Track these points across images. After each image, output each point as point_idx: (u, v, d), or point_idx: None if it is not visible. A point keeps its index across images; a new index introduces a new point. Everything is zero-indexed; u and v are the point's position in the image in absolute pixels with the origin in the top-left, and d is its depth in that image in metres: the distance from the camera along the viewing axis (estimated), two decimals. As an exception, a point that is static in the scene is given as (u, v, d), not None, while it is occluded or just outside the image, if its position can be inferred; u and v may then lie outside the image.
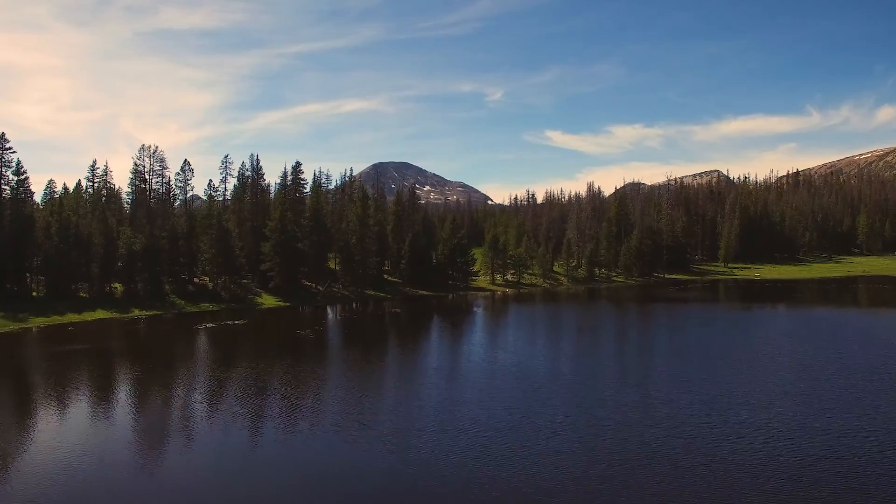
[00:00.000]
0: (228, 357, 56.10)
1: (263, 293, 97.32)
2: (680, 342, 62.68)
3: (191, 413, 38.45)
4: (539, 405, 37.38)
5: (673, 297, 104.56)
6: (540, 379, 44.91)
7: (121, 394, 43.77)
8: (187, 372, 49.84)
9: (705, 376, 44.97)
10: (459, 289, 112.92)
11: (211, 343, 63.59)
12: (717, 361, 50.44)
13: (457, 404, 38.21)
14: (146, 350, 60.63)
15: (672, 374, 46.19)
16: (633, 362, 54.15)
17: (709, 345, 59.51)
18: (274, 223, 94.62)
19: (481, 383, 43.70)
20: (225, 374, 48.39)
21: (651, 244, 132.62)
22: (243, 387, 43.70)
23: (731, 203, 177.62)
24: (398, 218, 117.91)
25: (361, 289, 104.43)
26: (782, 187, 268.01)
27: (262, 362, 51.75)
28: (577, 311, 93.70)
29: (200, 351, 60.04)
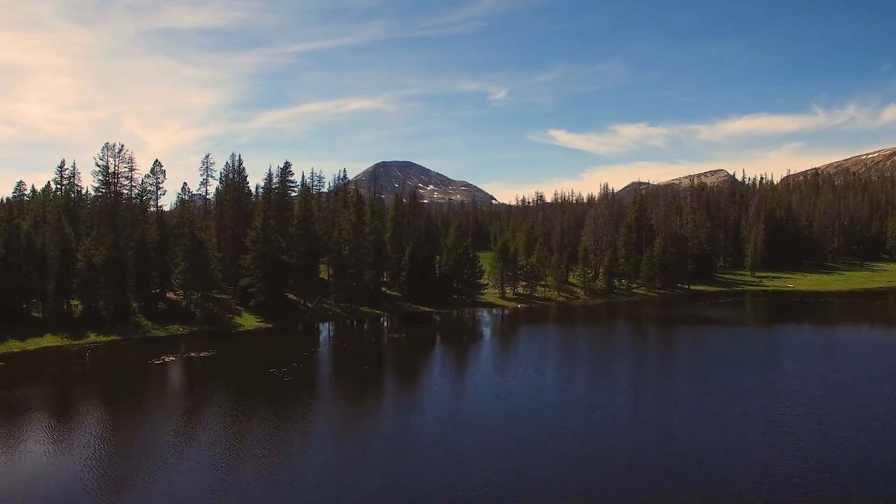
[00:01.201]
0: (169, 414, 44.38)
1: (244, 311, 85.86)
2: (743, 402, 50.19)
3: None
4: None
5: (707, 318, 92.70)
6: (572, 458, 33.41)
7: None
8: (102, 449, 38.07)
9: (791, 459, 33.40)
10: (465, 304, 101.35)
11: (157, 391, 50.58)
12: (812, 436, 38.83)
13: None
14: (62, 403, 46.22)
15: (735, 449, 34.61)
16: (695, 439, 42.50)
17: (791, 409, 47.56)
18: (255, 232, 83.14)
19: (511, 463, 32.25)
20: (145, 453, 36.83)
21: (675, 253, 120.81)
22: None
23: (756, 206, 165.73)
24: (397, 224, 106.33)
25: (356, 304, 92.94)
26: (801, 188, 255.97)
27: (209, 429, 40.35)
28: (598, 339, 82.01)
29: (137, 405, 44.99)
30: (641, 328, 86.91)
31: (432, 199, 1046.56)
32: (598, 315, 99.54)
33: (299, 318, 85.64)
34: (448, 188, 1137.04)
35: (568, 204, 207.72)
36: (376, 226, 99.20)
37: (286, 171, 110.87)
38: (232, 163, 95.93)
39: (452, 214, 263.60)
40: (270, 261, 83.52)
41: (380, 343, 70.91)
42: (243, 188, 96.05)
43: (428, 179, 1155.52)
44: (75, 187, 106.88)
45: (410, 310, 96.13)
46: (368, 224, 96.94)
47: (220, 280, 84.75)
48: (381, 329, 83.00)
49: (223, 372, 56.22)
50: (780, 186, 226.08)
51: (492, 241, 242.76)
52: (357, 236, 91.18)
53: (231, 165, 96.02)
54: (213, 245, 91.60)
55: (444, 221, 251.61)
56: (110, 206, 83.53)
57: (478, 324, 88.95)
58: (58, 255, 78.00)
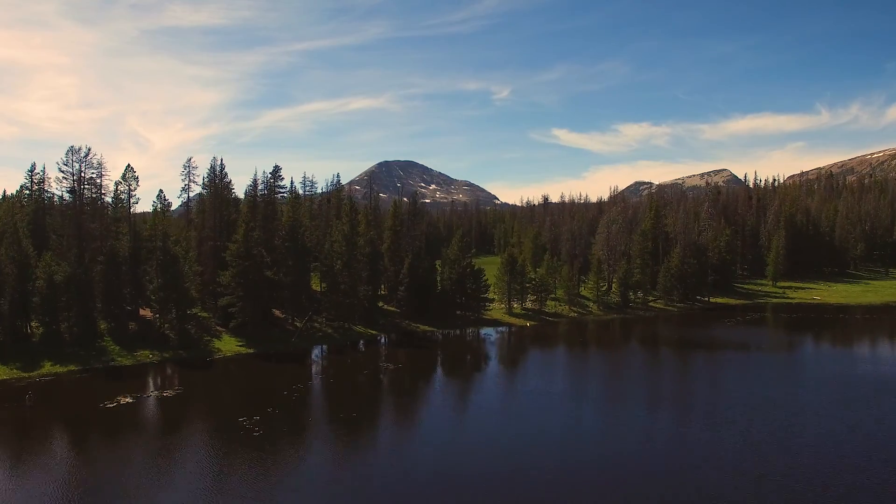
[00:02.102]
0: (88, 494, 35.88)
1: (224, 333, 77.59)
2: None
3: None
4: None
5: (734, 343, 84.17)
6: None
7: None
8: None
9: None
10: (469, 321, 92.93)
11: (90, 453, 41.31)
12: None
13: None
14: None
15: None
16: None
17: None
18: (235, 246, 74.76)
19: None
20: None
21: (695, 264, 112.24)
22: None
23: (776, 212, 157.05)
24: (395, 234, 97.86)
25: (349, 323, 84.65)
26: (813, 189, 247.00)
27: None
28: (613, 373, 73.56)
29: (56, 479, 35.02)
30: (659, 358, 78.40)
31: (434, 198, 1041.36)
32: (612, 336, 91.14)
33: (286, 340, 77.32)
34: (450, 188, 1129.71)
35: (576, 207, 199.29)
36: (372, 237, 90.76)
37: (276, 175, 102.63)
38: (213, 168, 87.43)
39: (455, 217, 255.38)
40: (253, 277, 75.21)
41: (373, 376, 62.42)
42: (225, 195, 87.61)
43: (430, 179, 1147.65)
44: (46, 193, 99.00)
45: (409, 329, 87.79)
46: (363, 235, 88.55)
47: (196, 299, 76.55)
48: (377, 354, 74.65)
49: (182, 422, 47.49)
50: (792, 188, 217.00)
51: (496, 245, 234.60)
52: (350, 249, 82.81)
53: (213, 170, 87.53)
54: (191, 258, 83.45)
55: (446, 224, 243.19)
56: (76, 217, 75.25)
57: (483, 348, 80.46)
58: (13, 271, 69.81)
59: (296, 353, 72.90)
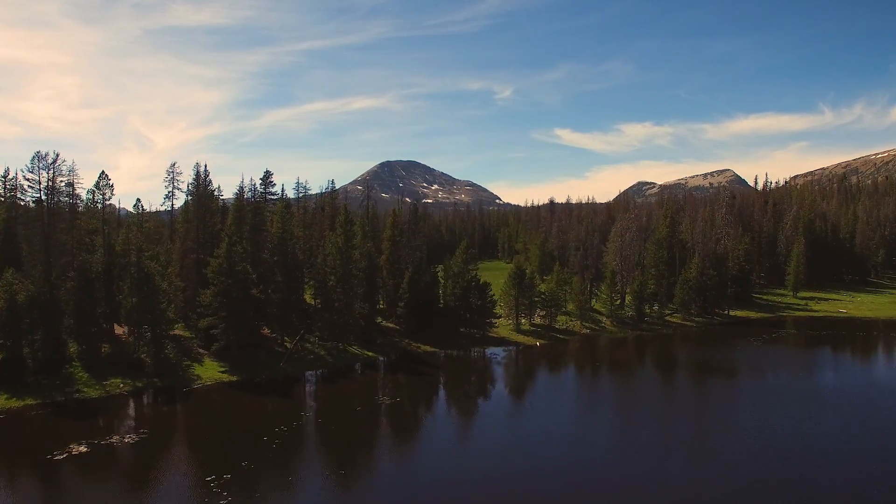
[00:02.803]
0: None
1: (206, 357, 70.79)
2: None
3: None
4: None
5: (766, 367, 77.27)
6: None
7: None
8: None
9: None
10: (474, 340, 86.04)
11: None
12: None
13: None
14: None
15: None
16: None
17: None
18: (217, 262, 67.83)
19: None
20: None
21: (715, 276, 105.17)
22: None
23: (794, 217, 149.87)
24: (394, 245, 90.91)
25: (344, 343, 77.84)
26: (825, 191, 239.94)
27: None
28: (629, 404, 66.71)
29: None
30: (680, 390, 71.47)
31: (437, 198, 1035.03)
32: (627, 357, 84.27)
33: (273, 364, 70.45)
34: (452, 188, 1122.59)
35: (583, 211, 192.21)
36: (369, 249, 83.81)
37: (267, 181, 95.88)
38: (197, 174, 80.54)
39: (458, 220, 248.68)
40: (237, 296, 68.32)
41: (368, 413, 55.39)
42: (209, 204, 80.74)
43: (432, 179, 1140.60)
44: (21, 200, 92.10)
45: (409, 349, 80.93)
46: (359, 247, 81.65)
47: (174, 320, 69.78)
48: (373, 383, 67.78)
49: (135, 483, 40.22)
50: (807, 191, 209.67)
51: (499, 249, 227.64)
52: (345, 263, 75.90)
53: (197, 177, 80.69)
54: (172, 274, 76.70)
55: (448, 228, 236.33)
56: (43, 230, 68.45)
57: (489, 374, 73.45)
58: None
59: (284, 380, 66.00)
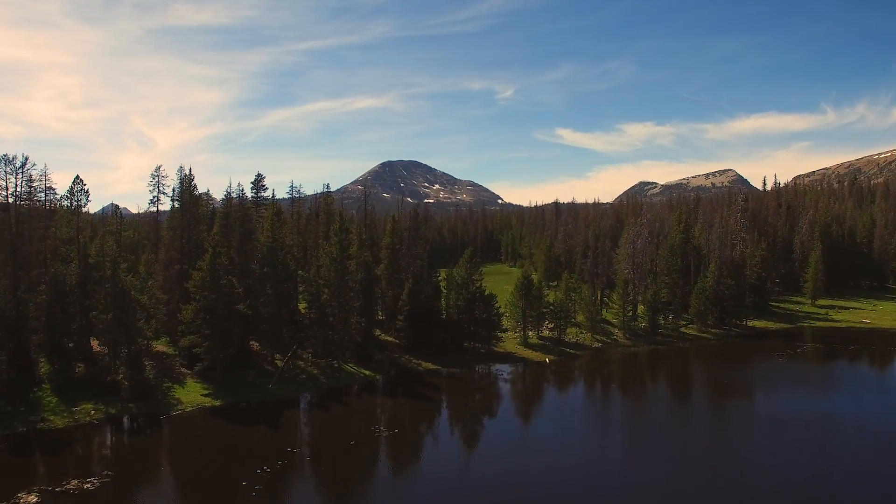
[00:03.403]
0: None
1: (189, 377, 65.25)
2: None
3: None
4: None
5: (796, 388, 71.59)
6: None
7: None
8: None
9: None
10: (479, 355, 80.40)
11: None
12: None
13: None
14: None
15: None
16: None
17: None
18: (200, 275, 62.20)
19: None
20: None
21: (733, 285, 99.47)
22: None
23: (810, 221, 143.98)
24: (393, 253, 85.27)
25: (339, 361, 72.32)
26: (840, 193, 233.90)
27: None
28: (647, 433, 61.10)
29: None
30: (701, 420, 65.88)
31: (438, 198, 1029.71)
32: (642, 376, 78.79)
33: (262, 386, 64.86)
34: (454, 188, 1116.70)
35: (589, 214, 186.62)
36: (366, 259, 78.20)
37: (258, 185, 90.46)
38: (181, 179, 74.95)
39: (460, 222, 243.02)
40: (222, 312, 62.71)
41: (363, 449, 49.71)
42: (195, 211, 75.15)
43: (434, 179, 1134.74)
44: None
45: (410, 366, 75.36)
46: (356, 257, 76.02)
47: (152, 337, 64.27)
48: (370, 409, 62.22)
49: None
50: (821, 193, 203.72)
51: (503, 253, 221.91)
52: (340, 275, 70.27)
53: (181, 182, 75.13)
54: (154, 286, 71.19)
55: (450, 231, 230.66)
56: (10, 240, 62.92)
57: (496, 397, 67.71)
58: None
59: (272, 405, 60.40)
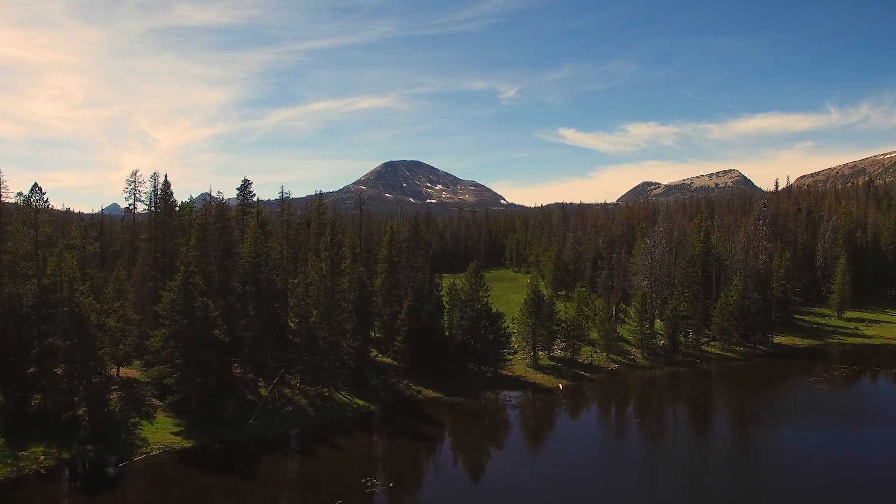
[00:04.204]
0: None
1: (160, 410, 57.98)
2: None
3: None
4: None
5: (842, 420, 64.09)
6: None
7: None
8: None
9: None
10: (486, 380, 73.01)
11: None
12: None
13: None
14: None
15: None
16: None
17: None
18: (171, 296, 54.81)
19: None
20: None
21: (760, 299, 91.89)
22: None
23: (833, 229, 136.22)
24: (391, 267, 77.85)
25: (330, 388, 65.05)
26: (854, 196, 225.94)
27: None
28: (676, 485, 53.61)
29: None
30: (729, 462, 58.45)
31: (441, 199, 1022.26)
32: (664, 405, 71.45)
33: (242, 421, 57.50)
34: (456, 188, 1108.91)
35: (598, 217, 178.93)
36: (360, 274, 70.86)
37: (245, 190, 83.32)
38: (154, 188, 67.64)
39: (463, 225, 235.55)
40: (195, 340, 55.34)
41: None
42: (170, 223, 67.84)
43: (436, 179, 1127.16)
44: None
45: (408, 394, 68.01)
46: (349, 273, 68.67)
47: (117, 370, 57.00)
48: (362, 451, 54.86)
49: None
50: (841, 195, 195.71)
51: (507, 257, 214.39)
52: (330, 295, 62.89)
53: (155, 191, 67.81)
54: (123, 306, 63.88)
55: (453, 235, 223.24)
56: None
57: (504, 433, 60.30)
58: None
59: (250, 446, 53.03)
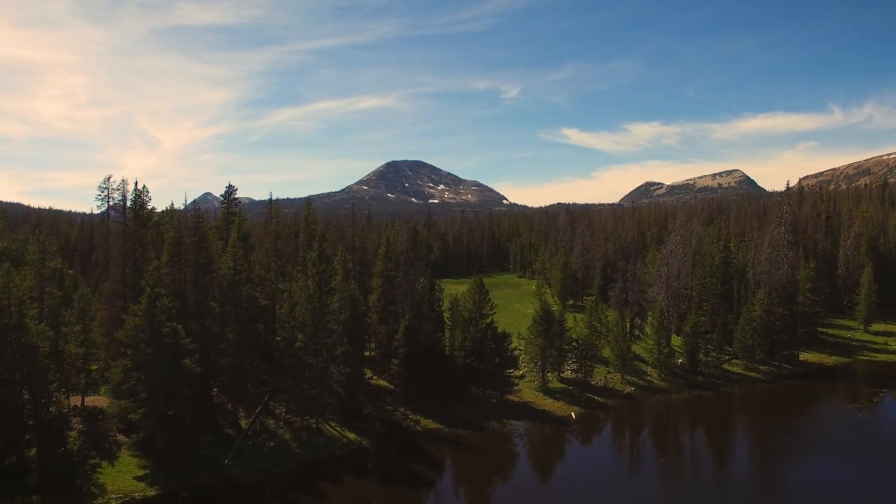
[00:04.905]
0: None
1: (125, 449, 51.51)
2: None
3: None
4: None
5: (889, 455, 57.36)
6: None
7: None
8: None
9: None
10: (491, 407, 66.38)
11: None
12: None
13: None
14: None
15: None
16: None
17: None
18: (134, 322, 48.30)
19: None
20: None
21: (786, 315, 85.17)
22: None
23: (856, 235, 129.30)
24: (387, 282, 71.27)
25: (317, 419, 58.55)
26: (869, 198, 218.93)
27: None
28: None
29: None
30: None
31: (443, 199, 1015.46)
32: (683, 435, 64.88)
33: (218, 458, 51.08)
34: (459, 188, 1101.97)
35: (606, 222, 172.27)
36: (352, 293, 64.31)
37: (229, 198, 76.96)
38: (122, 192, 61.20)
39: (465, 228, 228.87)
40: (162, 370, 48.82)
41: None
42: (143, 236, 61.37)
43: (438, 179, 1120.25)
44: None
45: (405, 424, 61.49)
46: (339, 290, 62.12)
47: (76, 406, 50.55)
48: (351, 497, 48.41)
49: None
50: (861, 201, 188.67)
51: (511, 262, 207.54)
52: (318, 316, 56.34)
53: (124, 200, 61.31)
54: (93, 326, 57.45)
55: (455, 239, 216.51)
56: None
57: (514, 475, 53.87)
58: None
59: (224, 493, 46.57)
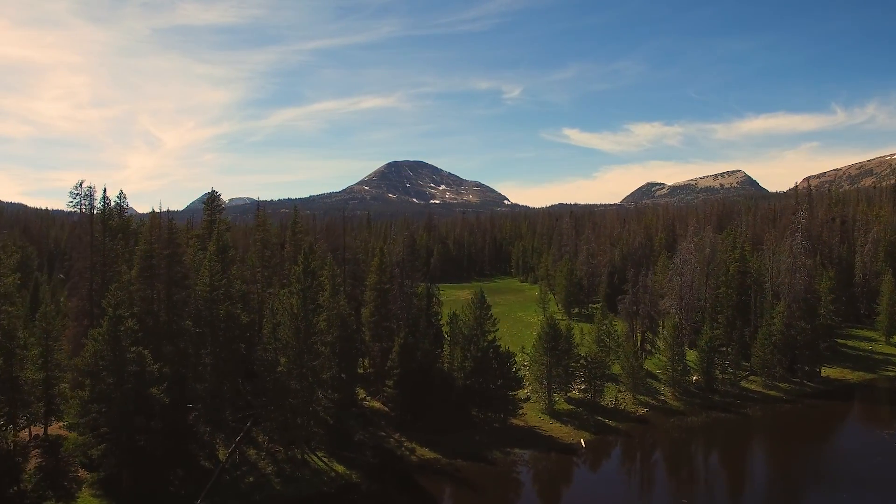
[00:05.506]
0: None
1: (86, 489, 46.30)
2: None
3: None
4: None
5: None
6: None
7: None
8: None
9: None
10: (493, 433, 61.09)
11: None
12: None
13: None
14: None
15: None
16: None
17: None
18: (94, 347, 43.06)
19: None
20: None
21: (808, 329, 79.81)
22: None
23: (874, 240, 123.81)
24: (381, 296, 66.00)
25: (302, 450, 53.34)
26: (878, 200, 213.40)
27: None
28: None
29: None
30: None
31: (444, 199, 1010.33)
32: (699, 467, 59.55)
33: (190, 497, 45.89)
34: (460, 188, 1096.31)
35: (611, 226, 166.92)
36: (342, 310, 59.06)
37: (213, 205, 71.91)
38: (91, 204, 55.95)
39: (466, 231, 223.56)
40: (125, 402, 43.57)
41: None
42: (115, 248, 56.17)
43: (440, 179, 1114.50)
44: None
45: (399, 454, 56.25)
46: (327, 308, 56.86)
47: (37, 435, 45.37)
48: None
49: None
50: (876, 203, 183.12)
51: (513, 265, 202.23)
52: (303, 337, 51.12)
53: (92, 209, 56.15)
54: (56, 347, 52.23)
55: (456, 242, 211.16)
56: None
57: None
58: None
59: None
